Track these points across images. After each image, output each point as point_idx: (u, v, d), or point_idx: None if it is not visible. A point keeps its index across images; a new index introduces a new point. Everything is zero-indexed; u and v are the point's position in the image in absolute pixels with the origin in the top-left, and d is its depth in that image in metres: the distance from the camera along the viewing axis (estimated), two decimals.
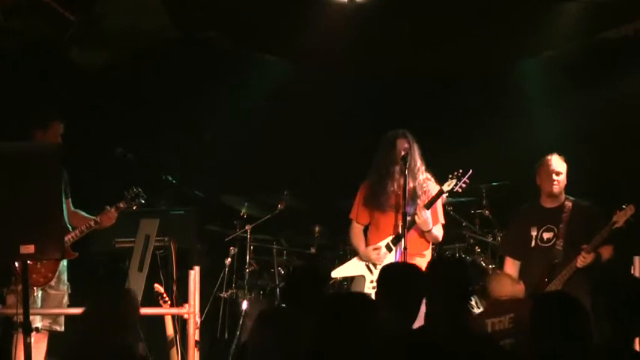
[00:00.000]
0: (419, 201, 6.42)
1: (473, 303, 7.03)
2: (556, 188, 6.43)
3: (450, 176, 6.42)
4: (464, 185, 6.42)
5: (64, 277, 6.35)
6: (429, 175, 6.54)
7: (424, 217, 6.33)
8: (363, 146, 7.08)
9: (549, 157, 6.47)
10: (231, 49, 8.50)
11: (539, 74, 8.27)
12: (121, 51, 7.86)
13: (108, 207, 6.40)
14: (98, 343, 4.03)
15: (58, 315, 6.31)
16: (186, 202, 7.47)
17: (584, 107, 7.88)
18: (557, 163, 6.45)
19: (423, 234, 6.48)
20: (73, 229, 6.33)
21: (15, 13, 7.14)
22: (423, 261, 6.39)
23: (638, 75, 7.74)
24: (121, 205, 6.43)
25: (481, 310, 6.99)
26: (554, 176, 6.42)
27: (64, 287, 6.34)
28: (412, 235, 6.39)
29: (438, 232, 6.55)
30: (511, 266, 6.52)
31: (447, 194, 6.54)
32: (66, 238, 6.14)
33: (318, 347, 3.45)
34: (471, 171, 6.39)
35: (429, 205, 6.39)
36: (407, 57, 8.23)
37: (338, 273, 6.79)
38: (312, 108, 8.34)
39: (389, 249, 6.46)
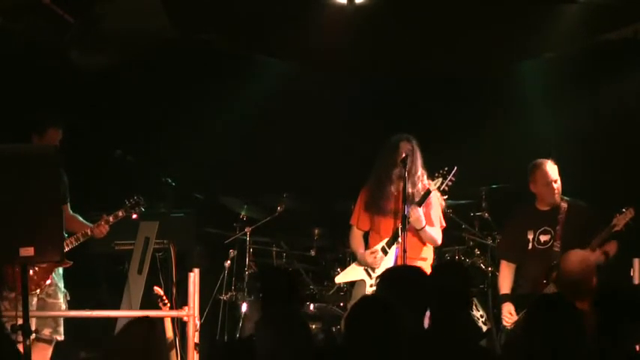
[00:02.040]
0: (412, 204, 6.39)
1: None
2: (557, 196, 6.42)
3: (436, 174, 6.42)
4: (450, 183, 6.41)
5: (62, 284, 6.31)
6: (431, 183, 6.50)
7: (416, 214, 6.32)
8: (363, 148, 7.07)
9: (544, 166, 6.41)
10: (230, 50, 8.49)
11: (540, 76, 8.27)
12: (120, 52, 7.85)
13: (105, 215, 6.37)
14: None
15: (57, 324, 6.28)
16: (186, 205, 7.47)
17: (584, 109, 7.88)
18: (553, 170, 6.43)
19: (417, 232, 6.44)
20: (69, 235, 6.30)
21: (14, 15, 7.13)
22: (424, 264, 6.40)
23: (638, 76, 7.73)
24: (120, 213, 6.40)
25: (481, 312, 6.99)
26: (554, 185, 6.41)
27: (62, 295, 6.30)
28: (411, 237, 6.36)
29: (435, 234, 6.52)
30: (507, 270, 6.51)
31: (442, 194, 6.53)
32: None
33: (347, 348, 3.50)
34: (455, 168, 6.39)
35: (420, 202, 6.37)
36: (407, 58, 8.23)
37: (340, 279, 6.83)
38: (311, 109, 8.33)
39: (384, 252, 6.45)
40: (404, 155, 6.37)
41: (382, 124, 6.91)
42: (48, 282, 6.15)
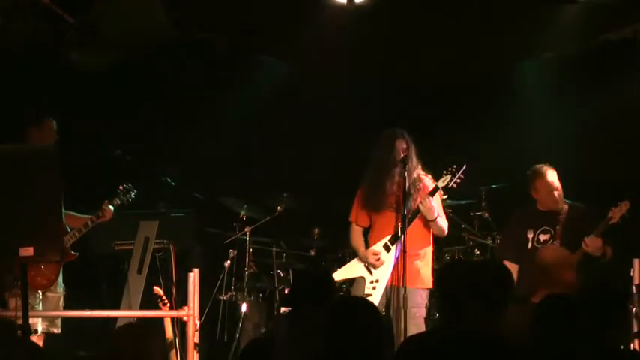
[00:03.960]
0: (411, 199, 6.36)
1: None
2: (559, 203, 6.44)
3: (445, 172, 6.38)
4: (459, 180, 6.39)
5: (60, 279, 6.36)
6: (423, 173, 6.50)
7: (429, 204, 6.29)
8: (362, 148, 7.06)
9: (545, 176, 6.43)
10: (230, 50, 8.50)
11: (540, 76, 8.27)
12: (120, 52, 7.85)
13: (107, 201, 6.46)
14: None
15: (55, 317, 6.30)
16: (186, 205, 7.46)
17: (584, 108, 7.88)
18: (553, 176, 6.45)
19: (427, 224, 6.41)
20: (71, 229, 6.34)
21: (14, 15, 7.13)
22: (421, 263, 6.40)
23: (637, 76, 7.73)
24: (115, 201, 6.47)
25: None
26: (555, 193, 6.43)
27: (61, 289, 6.36)
28: (410, 233, 6.32)
29: (444, 223, 6.50)
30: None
31: (445, 193, 6.52)
32: (67, 241, 6.21)
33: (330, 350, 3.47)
34: (465, 166, 6.36)
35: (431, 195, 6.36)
36: (406, 58, 8.23)
37: (339, 275, 6.76)
38: (311, 109, 8.34)
39: (387, 248, 6.42)
40: (403, 155, 6.36)
41: (382, 124, 6.89)
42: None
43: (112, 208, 6.48)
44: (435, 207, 6.35)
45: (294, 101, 8.41)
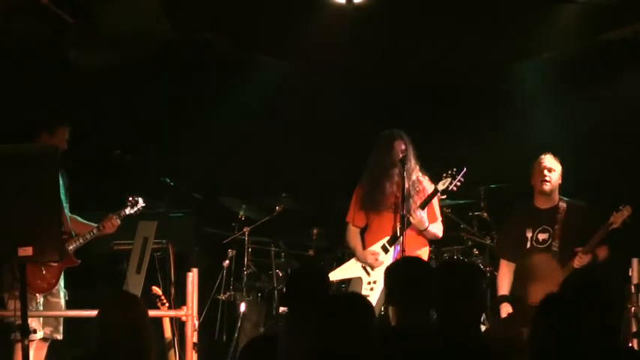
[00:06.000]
0: (411, 200, 6.38)
1: None
2: (547, 186, 6.39)
3: (445, 175, 6.41)
4: (458, 184, 6.40)
5: (62, 283, 6.36)
6: (421, 174, 6.51)
7: (419, 216, 6.32)
8: (361, 148, 7.07)
9: (542, 156, 6.46)
10: (229, 50, 8.50)
11: (539, 76, 8.27)
12: (119, 53, 7.85)
13: (110, 214, 6.41)
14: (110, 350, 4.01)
15: (58, 323, 6.31)
16: (185, 205, 7.47)
17: (582, 109, 7.88)
18: (550, 160, 6.44)
19: (421, 232, 6.47)
20: (75, 235, 6.33)
21: (14, 15, 7.13)
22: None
23: (637, 76, 7.73)
24: (124, 212, 6.46)
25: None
26: (546, 172, 6.40)
27: (62, 294, 6.35)
28: (409, 234, 6.36)
29: (437, 229, 6.53)
30: (506, 269, 6.51)
31: (443, 194, 6.53)
32: (71, 246, 6.21)
33: (321, 347, 3.47)
34: (465, 169, 6.38)
35: (424, 205, 6.38)
36: (405, 59, 8.23)
37: (335, 275, 6.78)
38: (310, 110, 8.34)
39: (385, 250, 6.44)
40: (402, 156, 6.37)
41: (381, 124, 6.91)
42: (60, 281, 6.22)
43: (119, 221, 6.44)
44: (425, 218, 6.36)
45: (294, 101, 8.41)
